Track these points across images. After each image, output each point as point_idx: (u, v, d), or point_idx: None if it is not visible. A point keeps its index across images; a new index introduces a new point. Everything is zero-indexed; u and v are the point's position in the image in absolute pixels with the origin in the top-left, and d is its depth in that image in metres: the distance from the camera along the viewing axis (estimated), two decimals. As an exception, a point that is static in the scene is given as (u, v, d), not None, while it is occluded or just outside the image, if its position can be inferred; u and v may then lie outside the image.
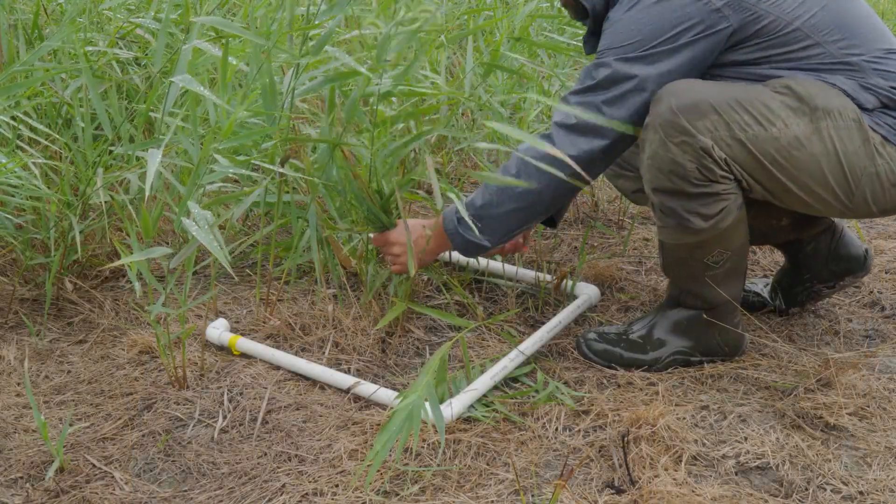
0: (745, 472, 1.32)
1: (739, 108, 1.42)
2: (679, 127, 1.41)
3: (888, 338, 1.74)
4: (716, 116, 1.41)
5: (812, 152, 1.42)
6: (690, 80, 1.45)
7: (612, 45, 1.47)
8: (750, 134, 1.42)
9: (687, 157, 1.42)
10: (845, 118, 1.42)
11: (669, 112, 1.42)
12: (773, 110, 1.42)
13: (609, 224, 2.34)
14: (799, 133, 1.42)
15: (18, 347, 1.70)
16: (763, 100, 1.43)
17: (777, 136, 1.42)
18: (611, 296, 1.93)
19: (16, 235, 1.78)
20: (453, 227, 1.60)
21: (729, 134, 1.42)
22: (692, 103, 1.41)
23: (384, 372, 1.62)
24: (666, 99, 1.43)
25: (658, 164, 1.46)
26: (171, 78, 1.49)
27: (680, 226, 1.50)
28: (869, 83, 1.46)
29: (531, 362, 1.62)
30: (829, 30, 1.45)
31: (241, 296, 1.91)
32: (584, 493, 1.26)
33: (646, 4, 1.44)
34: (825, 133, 1.42)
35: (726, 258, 1.54)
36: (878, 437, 1.40)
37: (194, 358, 1.63)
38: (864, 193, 1.45)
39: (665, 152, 1.44)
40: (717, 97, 1.42)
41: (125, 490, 1.29)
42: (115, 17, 2.04)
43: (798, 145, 1.42)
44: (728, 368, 1.61)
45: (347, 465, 1.32)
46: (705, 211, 1.47)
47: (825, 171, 1.43)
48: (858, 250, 1.76)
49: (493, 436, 1.40)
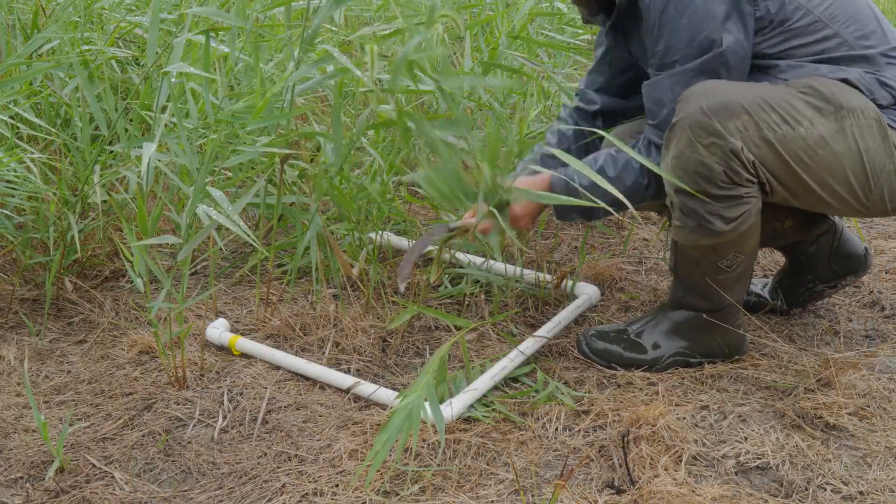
0: (745, 472, 1.32)
1: (768, 108, 1.42)
2: (710, 128, 1.40)
3: (888, 338, 1.74)
4: (746, 117, 1.41)
5: (836, 151, 1.42)
6: (718, 80, 1.45)
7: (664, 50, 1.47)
8: (779, 134, 1.41)
9: (715, 159, 1.41)
10: (867, 116, 1.43)
11: (700, 113, 1.41)
12: (798, 110, 1.42)
13: (609, 224, 2.34)
14: (824, 132, 1.42)
15: (18, 347, 1.70)
16: (789, 100, 1.43)
17: (804, 136, 1.42)
18: (611, 296, 1.93)
19: (15, 235, 1.78)
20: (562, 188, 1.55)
21: (758, 134, 1.41)
22: (723, 103, 1.40)
23: (384, 372, 1.62)
24: (696, 99, 1.42)
25: (683, 165, 1.44)
26: (166, 68, 1.49)
27: (700, 227, 1.48)
28: (885, 78, 1.46)
29: (531, 362, 1.62)
30: (845, 20, 1.46)
31: (241, 296, 1.91)
32: (584, 493, 1.26)
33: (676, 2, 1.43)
34: (849, 132, 1.42)
35: (739, 262, 1.53)
36: (878, 437, 1.40)
37: (194, 358, 1.63)
38: (882, 191, 1.46)
39: (692, 153, 1.42)
40: (747, 97, 1.42)
41: (125, 490, 1.29)
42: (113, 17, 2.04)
43: (823, 144, 1.42)
44: (728, 368, 1.61)
45: (347, 465, 1.32)
46: (728, 214, 1.46)
47: (847, 169, 1.43)
48: (859, 249, 1.76)
49: (493, 436, 1.40)
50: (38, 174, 1.67)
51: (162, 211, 1.52)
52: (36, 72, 1.69)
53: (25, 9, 2.11)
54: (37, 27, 1.95)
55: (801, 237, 1.75)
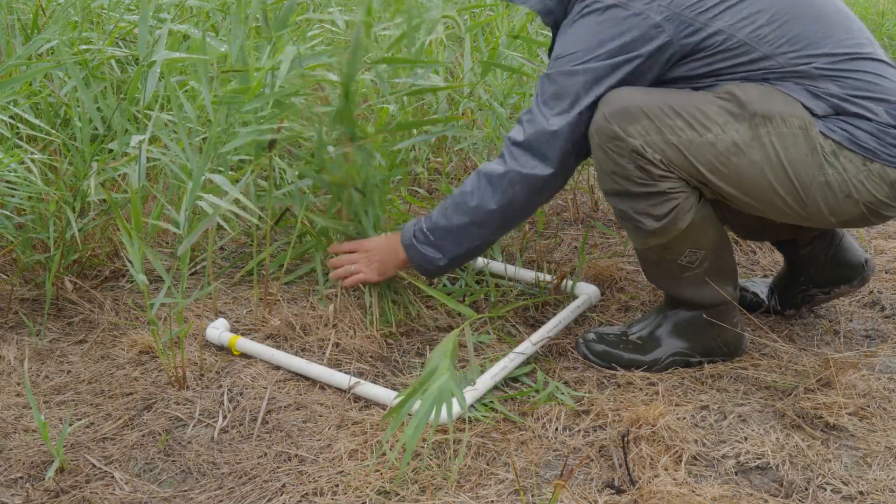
0: (745, 472, 1.32)
1: (672, 113, 1.42)
2: (610, 132, 1.43)
3: (888, 338, 1.74)
4: (647, 121, 1.42)
5: (752, 159, 1.41)
6: (628, 87, 1.45)
7: (555, 57, 1.50)
8: (683, 139, 1.41)
9: (624, 159, 1.44)
10: (789, 125, 1.40)
11: (602, 119, 1.44)
12: (709, 116, 1.41)
13: (609, 224, 2.34)
14: (737, 139, 1.40)
15: (18, 347, 1.70)
16: (700, 106, 1.42)
17: (713, 142, 1.41)
18: (611, 296, 1.93)
19: (15, 235, 1.78)
20: (409, 239, 1.62)
21: (661, 139, 1.42)
22: (622, 109, 1.43)
23: (384, 372, 1.62)
24: (601, 108, 1.45)
25: (602, 168, 1.48)
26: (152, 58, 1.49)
27: (636, 228, 1.50)
28: (819, 90, 1.42)
29: (531, 362, 1.62)
30: (779, 41, 1.42)
31: (241, 296, 1.91)
32: (584, 493, 1.26)
33: (588, 19, 1.46)
34: (766, 139, 1.40)
35: (701, 257, 1.53)
36: (878, 437, 1.40)
37: (194, 358, 1.63)
38: (818, 203, 1.42)
39: (604, 156, 1.46)
40: (650, 103, 1.42)
41: (125, 490, 1.29)
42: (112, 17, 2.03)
43: (737, 151, 1.41)
44: (728, 368, 1.61)
45: (347, 465, 1.32)
46: (655, 211, 1.46)
47: (770, 178, 1.41)
48: (858, 258, 1.73)
49: (493, 436, 1.40)
50: (37, 174, 1.67)
51: (162, 209, 1.51)
52: (35, 72, 1.69)
53: (25, 9, 2.11)
54: (37, 27, 1.95)
55: (795, 235, 1.74)
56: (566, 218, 2.39)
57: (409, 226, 1.64)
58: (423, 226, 1.61)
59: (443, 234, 1.59)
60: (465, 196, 1.56)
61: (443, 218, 1.59)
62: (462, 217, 1.57)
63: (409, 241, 1.62)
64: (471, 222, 1.57)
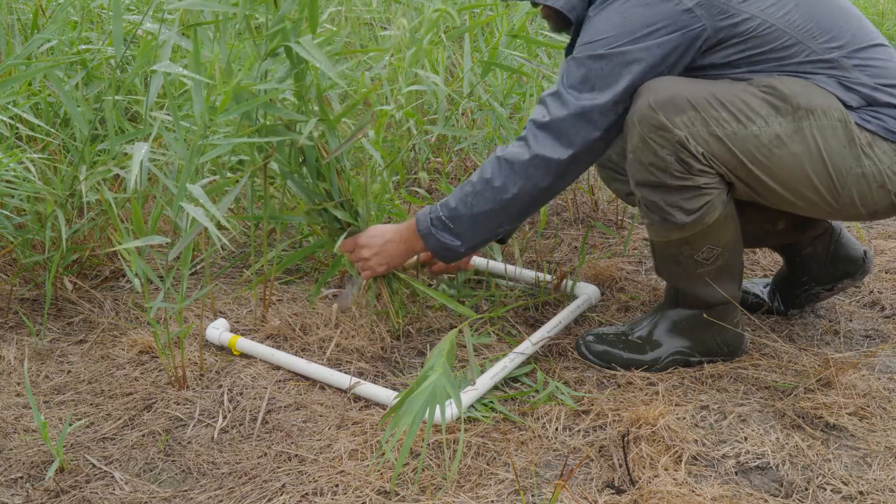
0: (745, 472, 1.32)
1: (717, 105, 1.42)
2: (656, 122, 1.42)
3: (888, 338, 1.74)
4: (693, 112, 1.41)
5: (794, 151, 1.41)
6: (672, 77, 1.45)
7: (584, 42, 1.47)
8: (728, 131, 1.42)
9: (666, 151, 1.43)
10: (829, 118, 1.41)
11: (647, 107, 1.42)
12: (753, 108, 1.41)
13: (609, 224, 2.34)
14: (780, 131, 1.41)
15: (18, 347, 1.70)
16: (744, 98, 1.42)
17: (757, 134, 1.41)
18: (611, 296, 1.93)
19: (15, 235, 1.78)
20: (426, 227, 1.58)
21: (706, 130, 1.42)
22: (669, 98, 1.42)
23: (385, 372, 1.62)
24: (645, 95, 1.43)
25: (639, 158, 1.46)
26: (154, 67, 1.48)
27: (664, 220, 1.49)
28: (851, 82, 1.44)
29: (531, 362, 1.62)
30: (808, 26, 1.44)
31: (241, 296, 1.91)
32: (584, 493, 1.26)
33: (619, 4, 1.44)
34: (808, 132, 1.41)
35: (717, 255, 1.53)
36: (878, 437, 1.40)
37: (194, 358, 1.63)
38: (852, 195, 1.44)
39: (644, 146, 1.44)
40: (695, 93, 1.42)
41: (125, 490, 1.29)
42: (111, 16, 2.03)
43: (779, 144, 1.41)
44: (728, 368, 1.61)
45: (347, 465, 1.32)
46: (687, 205, 1.46)
47: (808, 170, 1.42)
48: (857, 252, 1.75)
49: (493, 436, 1.40)
50: (36, 174, 1.67)
51: (161, 211, 1.51)
52: (34, 72, 1.69)
53: (25, 9, 2.11)
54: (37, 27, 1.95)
55: (796, 239, 1.74)
56: (566, 218, 2.39)
57: (424, 214, 1.59)
58: (441, 214, 1.56)
59: (464, 222, 1.55)
60: (486, 182, 1.52)
61: (463, 205, 1.54)
62: (485, 204, 1.53)
63: (426, 231, 1.58)
64: (493, 209, 1.53)
